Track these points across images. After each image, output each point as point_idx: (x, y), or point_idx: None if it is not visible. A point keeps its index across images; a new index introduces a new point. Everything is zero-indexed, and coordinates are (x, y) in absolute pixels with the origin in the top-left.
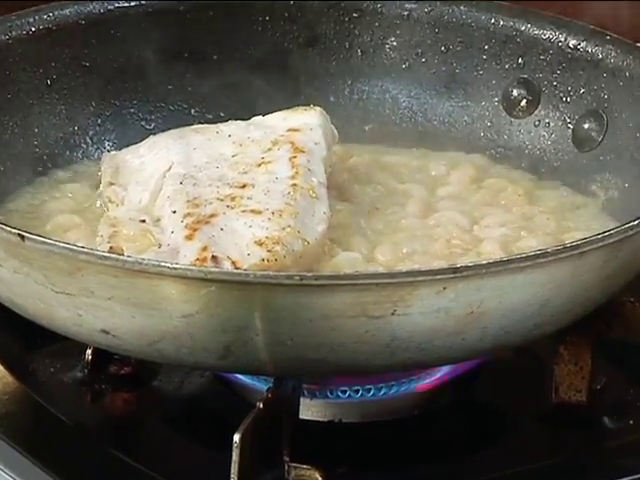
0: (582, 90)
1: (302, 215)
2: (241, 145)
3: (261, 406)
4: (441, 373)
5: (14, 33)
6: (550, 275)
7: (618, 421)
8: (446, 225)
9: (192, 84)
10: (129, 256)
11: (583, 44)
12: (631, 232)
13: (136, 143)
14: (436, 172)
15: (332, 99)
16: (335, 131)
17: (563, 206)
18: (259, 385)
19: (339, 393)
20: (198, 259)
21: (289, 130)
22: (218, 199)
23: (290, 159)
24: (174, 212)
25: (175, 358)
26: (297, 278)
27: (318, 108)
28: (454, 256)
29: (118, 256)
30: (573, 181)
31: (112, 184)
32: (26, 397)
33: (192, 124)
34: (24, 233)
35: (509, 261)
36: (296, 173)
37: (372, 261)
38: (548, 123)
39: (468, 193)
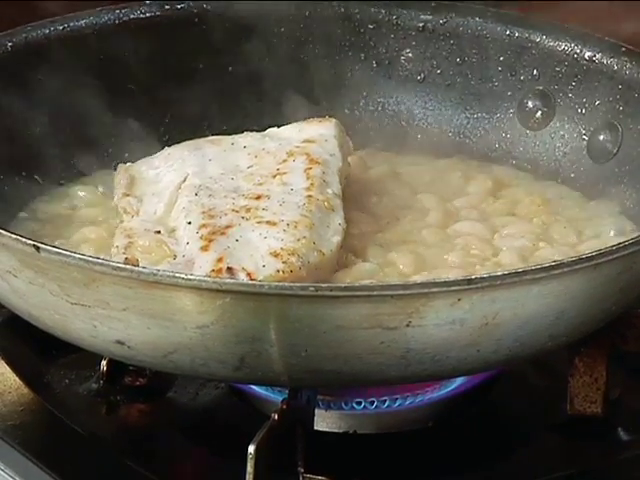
0: (597, 102)
1: (317, 226)
2: (256, 156)
3: (276, 417)
4: (456, 384)
5: (31, 43)
6: (565, 287)
7: (633, 432)
8: (465, 235)
9: (207, 95)
10: (144, 267)
11: (598, 56)
12: None
13: (151, 154)
14: (453, 183)
15: (347, 111)
16: (350, 142)
17: (581, 215)
18: (274, 396)
19: (354, 404)
20: (213, 270)
21: (304, 141)
22: (233, 210)
23: (305, 170)
24: (189, 223)
25: (190, 369)
26: (312, 289)
27: (333, 119)
28: (473, 266)
29: (133, 267)
30: (588, 192)
31: (127, 195)
32: (41, 408)
33: (207, 135)
34: (39, 244)
35: (524, 272)
36: (311, 184)
37: (389, 272)
38: (563, 135)
39: (486, 204)
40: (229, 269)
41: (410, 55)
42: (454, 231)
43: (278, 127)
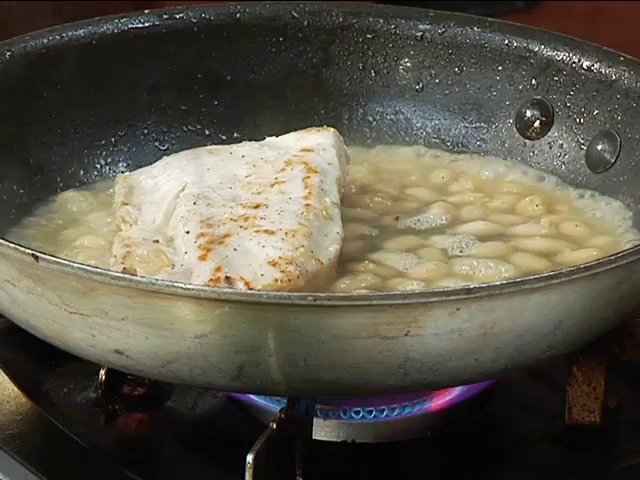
0: (595, 111)
1: (315, 235)
2: (254, 166)
3: (274, 427)
4: (454, 394)
5: (30, 53)
6: (563, 296)
7: (632, 442)
8: (473, 234)
9: (206, 105)
10: (142, 277)
11: (597, 65)
12: None
13: (150, 164)
14: (439, 181)
15: (345, 120)
16: (348, 152)
17: (583, 214)
18: (272, 406)
19: (352, 414)
20: (211, 279)
21: (302, 150)
22: (231, 219)
23: (303, 179)
24: (187, 232)
25: (188, 379)
26: (310, 299)
27: (331, 129)
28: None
29: (132, 276)
30: (586, 201)
31: (126, 204)
32: (40, 417)
33: (206, 145)
34: (38, 253)
35: (522, 282)
36: (309, 193)
37: (389, 280)
38: (561, 144)
39: (484, 203)
40: (227, 278)
41: (408, 64)
42: (462, 231)
43: (276, 136)
